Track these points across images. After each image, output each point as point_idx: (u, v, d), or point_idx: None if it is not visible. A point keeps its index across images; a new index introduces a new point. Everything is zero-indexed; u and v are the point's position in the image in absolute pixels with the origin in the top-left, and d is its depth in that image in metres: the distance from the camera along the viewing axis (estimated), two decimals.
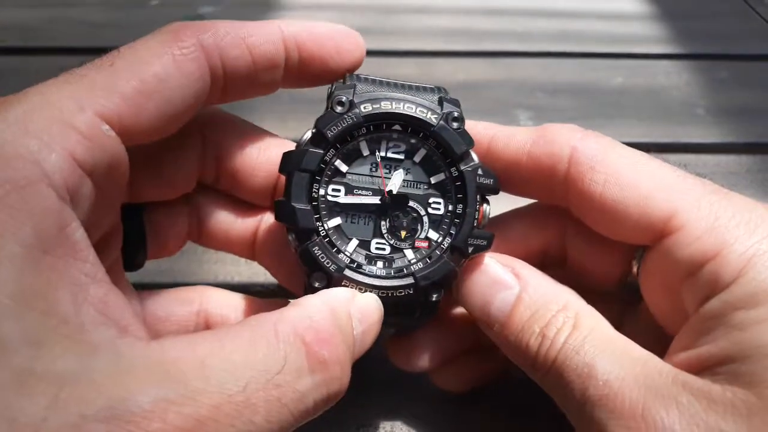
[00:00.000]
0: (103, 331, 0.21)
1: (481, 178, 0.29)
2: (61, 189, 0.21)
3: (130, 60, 0.25)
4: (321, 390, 0.23)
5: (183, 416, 0.19)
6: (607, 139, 0.29)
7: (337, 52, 0.30)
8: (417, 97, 0.30)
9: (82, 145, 0.22)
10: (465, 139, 0.29)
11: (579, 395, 0.25)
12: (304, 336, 0.23)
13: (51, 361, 0.19)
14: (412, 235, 0.30)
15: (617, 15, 0.79)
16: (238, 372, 0.21)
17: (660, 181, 0.27)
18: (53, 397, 0.18)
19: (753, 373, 0.22)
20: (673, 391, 0.23)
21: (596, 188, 0.28)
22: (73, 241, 0.21)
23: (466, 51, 0.70)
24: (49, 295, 0.20)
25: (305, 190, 0.29)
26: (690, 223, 0.26)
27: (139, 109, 0.24)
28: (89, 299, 0.21)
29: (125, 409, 0.19)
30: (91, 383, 0.19)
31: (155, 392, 0.19)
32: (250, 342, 0.22)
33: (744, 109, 0.62)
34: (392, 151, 0.30)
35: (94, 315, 0.21)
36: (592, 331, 0.26)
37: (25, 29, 0.69)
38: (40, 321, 0.19)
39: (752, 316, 0.23)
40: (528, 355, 0.27)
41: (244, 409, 0.21)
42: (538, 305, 0.28)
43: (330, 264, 0.29)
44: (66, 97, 0.22)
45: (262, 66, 0.28)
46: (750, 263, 0.24)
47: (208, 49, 0.26)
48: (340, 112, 0.29)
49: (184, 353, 0.21)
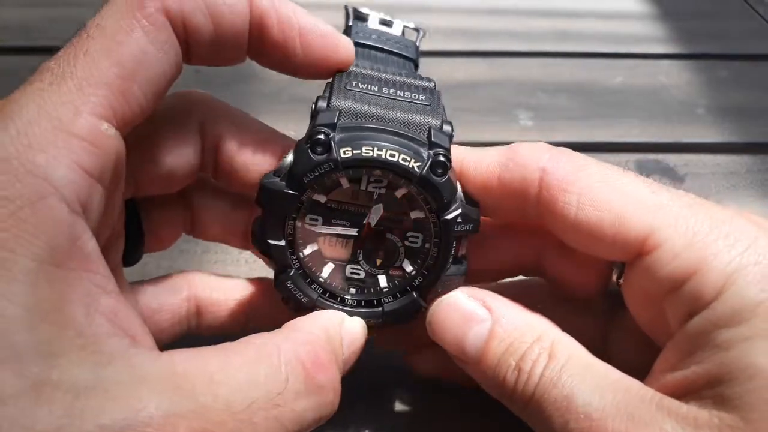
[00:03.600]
0: (115, 342, 0.21)
1: (460, 226, 0.29)
2: (73, 202, 0.21)
3: (103, 43, 0.24)
4: (315, 412, 0.24)
5: (192, 429, 0.20)
6: (579, 157, 0.28)
7: (304, 49, 0.28)
8: (404, 124, 0.28)
9: (87, 152, 0.22)
10: (447, 189, 0.28)
11: (560, 429, 0.24)
12: (305, 361, 0.24)
13: (67, 370, 0.19)
14: (388, 262, 0.30)
15: (617, 15, 0.79)
16: (245, 391, 0.22)
17: (635, 199, 0.26)
18: (69, 406, 0.19)
19: (739, 396, 0.22)
20: (657, 418, 0.23)
21: (570, 210, 0.27)
22: (86, 253, 0.21)
23: (466, 51, 0.70)
24: (62, 308, 0.20)
25: (280, 227, 0.29)
26: (667, 241, 0.25)
27: (128, 94, 0.24)
28: (101, 310, 0.21)
29: (139, 421, 0.19)
30: (106, 393, 0.19)
31: (167, 405, 0.20)
32: (255, 361, 0.23)
33: (744, 109, 0.62)
34: (373, 185, 0.29)
35: (107, 326, 0.21)
36: (569, 360, 0.26)
37: (25, 29, 0.69)
38: (54, 332, 0.20)
39: (736, 334, 0.23)
40: (506, 390, 0.27)
41: (246, 426, 0.21)
42: (513, 337, 0.27)
43: (303, 297, 0.29)
44: (59, 102, 0.22)
45: (225, 35, 0.27)
46: (731, 279, 0.23)
47: (173, 14, 0.25)
48: (318, 159, 0.27)
49: (192, 367, 0.22)
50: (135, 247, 0.31)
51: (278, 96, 0.60)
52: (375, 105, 0.29)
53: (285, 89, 0.58)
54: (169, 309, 0.31)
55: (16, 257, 0.19)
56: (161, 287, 0.32)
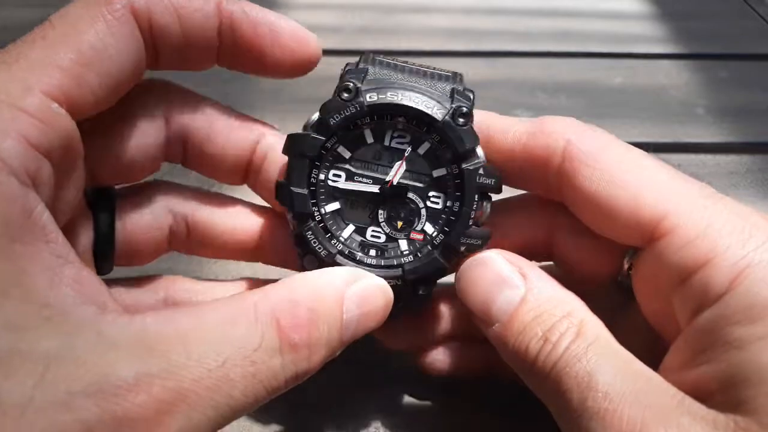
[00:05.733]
0: (83, 310, 0.21)
1: (482, 178, 0.29)
2: (22, 174, 0.21)
3: (62, 31, 0.24)
4: (290, 369, 0.23)
5: (166, 389, 0.20)
6: (606, 136, 0.29)
7: (276, 45, 0.28)
8: (428, 86, 0.30)
9: (35, 127, 0.22)
10: (469, 137, 0.29)
11: (577, 405, 0.24)
12: (280, 319, 0.23)
13: (35, 342, 0.19)
14: (409, 226, 0.30)
15: (617, 15, 0.79)
16: (218, 347, 0.21)
17: (653, 182, 0.26)
18: (39, 376, 0.19)
19: (753, 398, 0.22)
20: (675, 413, 0.23)
21: (589, 184, 0.27)
22: (41, 225, 0.21)
23: (466, 51, 0.70)
24: (24, 282, 0.20)
25: (305, 175, 0.29)
26: (681, 226, 0.25)
27: (82, 81, 0.24)
28: (65, 280, 0.21)
29: (110, 384, 0.19)
30: (75, 360, 0.19)
31: (138, 367, 0.20)
32: (229, 319, 0.23)
33: (744, 109, 0.62)
34: (396, 141, 0.30)
35: (72, 295, 0.21)
36: (596, 340, 0.25)
37: (25, 29, 0.69)
38: (19, 307, 0.20)
39: (748, 333, 0.22)
40: (527, 359, 0.26)
41: (224, 383, 0.21)
42: (543, 309, 0.27)
43: (321, 249, 0.29)
44: (8, 79, 0.22)
45: (194, 38, 0.27)
46: (743, 274, 0.23)
47: (138, 12, 0.25)
48: (345, 99, 0.28)
49: (165, 328, 0.21)
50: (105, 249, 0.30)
51: (278, 96, 0.60)
52: (401, 71, 0.30)
53: (285, 88, 0.58)
54: (144, 308, 0.30)
55: None
56: (137, 285, 0.31)
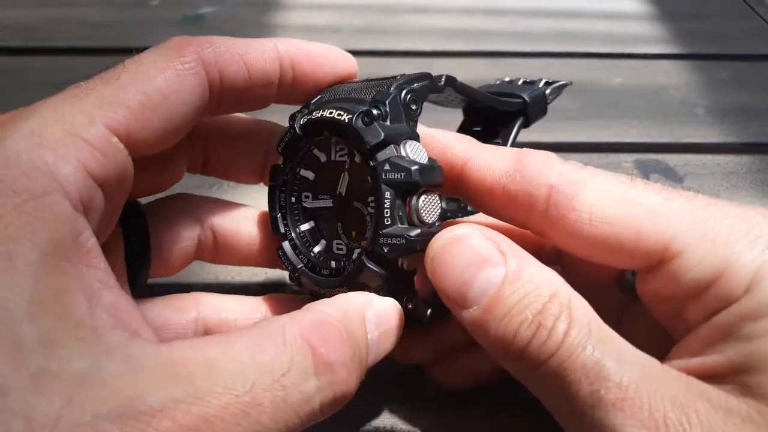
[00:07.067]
0: (115, 334, 0.21)
1: (389, 174, 0.26)
2: (75, 199, 0.22)
3: (135, 74, 0.25)
4: (327, 392, 0.23)
5: (191, 415, 0.20)
6: (586, 171, 0.27)
7: (332, 72, 0.30)
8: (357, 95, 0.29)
9: (94, 157, 0.23)
10: (369, 133, 0.27)
11: (587, 397, 0.22)
12: (310, 338, 0.23)
13: (66, 361, 0.19)
14: (361, 234, 0.30)
15: (617, 15, 0.79)
16: (245, 373, 0.21)
17: (648, 210, 0.25)
18: (68, 397, 0.19)
19: (762, 384, 0.22)
20: (690, 399, 0.22)
21: (582, 228, 0.26)
22: (87, 249, 0.22)
23: (466, 51, 0.70)
24: (64, 300, 0.20)
25: (275, 200, 0.32)
26: (688, 248, 0.24)
27: (145, 122, 0.25)
28: (102, 304, 0.21)
29: (136, 409, 0.19)
30: (103, 384, 0.20)
31: (164, 392, 0.20)
32: (257, 343, 0.22)
33: (744, 109, 0.62)
34: (339, 154, 0.30)
35: (107, 319, 0.21)
36: (590, 323, 0.24)
37: (25, 29, 0.69)
38: (55, 324, 0.20)
39: (759, 326, 0.23)
40: (515, 346, 0.24)
41: (251, 409, 0.21)
42: (528, 289, 0.24)
43: (289, 265, 0.31)
44: (77, 111, 0.23)
45: (258, 82, 0.29)
46: (758, 275, 0.23)
47: (208, 64, 0.27)
48: (288, 126, 0.30)
49: (193, 355, 0.21)
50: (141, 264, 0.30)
51: None
52: (351, 86, 0.30)
53: None
54: (173, 329, 0.31)
55: (19, 249, 0.20)
56: (167, 305, 0.31)
